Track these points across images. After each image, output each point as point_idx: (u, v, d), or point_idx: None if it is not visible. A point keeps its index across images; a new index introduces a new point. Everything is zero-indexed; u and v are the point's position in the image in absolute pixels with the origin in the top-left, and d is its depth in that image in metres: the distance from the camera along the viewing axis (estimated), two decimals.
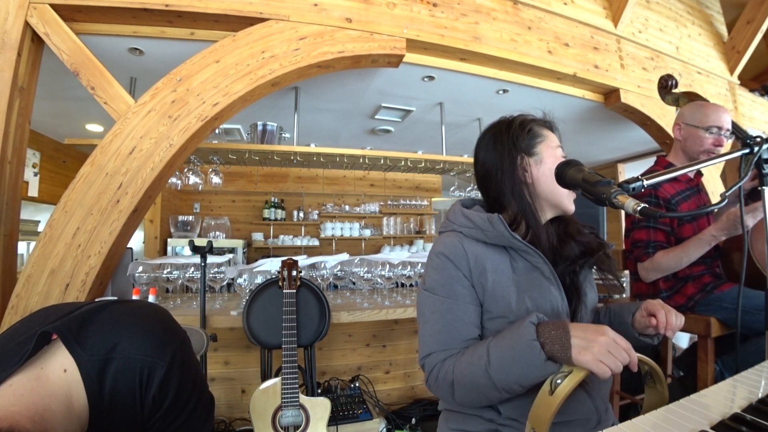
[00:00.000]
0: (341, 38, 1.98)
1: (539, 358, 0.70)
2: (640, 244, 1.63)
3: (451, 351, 0.82)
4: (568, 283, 0.91)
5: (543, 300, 0.85)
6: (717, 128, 1.60)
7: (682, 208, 1.59)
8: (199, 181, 2.99)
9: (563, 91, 2.74)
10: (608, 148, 4.30)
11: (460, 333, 0.83)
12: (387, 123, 3.60)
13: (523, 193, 0.89)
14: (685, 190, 1.65)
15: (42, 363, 0.50)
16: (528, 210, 0.88)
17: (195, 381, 0.58)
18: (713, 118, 1.62)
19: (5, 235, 1.60)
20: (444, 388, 0.80)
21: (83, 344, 0.51)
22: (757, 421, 0.54)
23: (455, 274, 0.86)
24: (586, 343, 0.68)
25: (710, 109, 1.65)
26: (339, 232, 5.16)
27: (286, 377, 1.49)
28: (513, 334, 0.75)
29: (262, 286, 1.72)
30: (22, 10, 1.65)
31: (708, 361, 1.51)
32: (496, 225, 0.85)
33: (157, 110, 1.71)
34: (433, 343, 0.84)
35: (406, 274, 2.10)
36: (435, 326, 0.84)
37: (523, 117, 0.94)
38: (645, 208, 0.65)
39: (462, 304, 0.84)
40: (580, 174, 0.76)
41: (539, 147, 0.91)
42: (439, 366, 0.82)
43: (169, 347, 0.55)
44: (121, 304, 0.57)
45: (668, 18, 3.18)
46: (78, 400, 0.50)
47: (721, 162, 1.22)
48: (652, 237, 1.60)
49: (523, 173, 0.89)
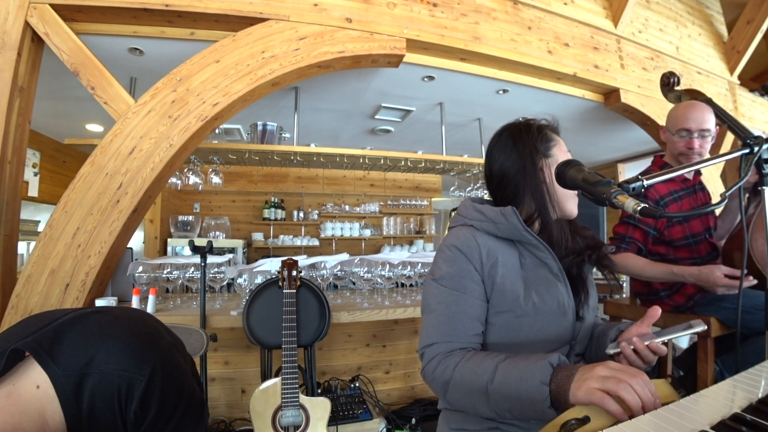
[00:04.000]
0: (341, 38, 1.98)
1: (544, 403, 0.67)
2: (616, 237, 1.65)
3: (452, 344, 0.82)
4: (575, 276, 0.92)
5: (549, 296, 0.85)
6: (686, 131, 1.59)
7: (671, 209, 1.59)
8: (199, 181, 2.99)
9: (563, 91, 2.74)
10: (608, 148, 4.30)
11: (464, 326, 0.83)
12: (387, 123, 3.60)
13: (543, 192, 0.90)
14: (679, 191, 1.65)
15: (14, 380, 0.48)
16: (545, 208, 0.90)
17: (180, 389, 0.56)
18: (681, 121, 1.61)
19: (5, 235, 1.60)
20: (438, 383, 0.80)
21: (57, 359, 0.49)
22: (758, 421, 0.54)
23: (466, 268, 0.85)
24: (582, 380, 0.64)
25: (680, 111, 1.64)
26: (339, 232, 5.16)
27: (286, 377, 1.49)
28: (528, 366, 0.71)
29: (262, 286, 1.72)
30: (22, 10, 1.65)
31: (708, 360, 1.51)
32: (509, 217, 0.85)
33: (157, 110, 1.71)
34: (436, 333, 0.83)
35: (406, 274, 2.10)
36: (440, 317, 0.84)
37: (537, 121, 0.97)
38: (645, 208, 0.65)
39: (469, 299, 0.84)
40: (580, 174, 0.76)
41: (554, 150, 0.93)
42: (439, 359, 0.81)
43: (150, 359, 0.53)
44: (99, 315, 0.55)
45: (668, 18, 3.18)
46: (53, 417, 0.48)
47: (721, 162, 1.22)
48: (629, 233, 1.62)
49: (542, 174, 0.91)
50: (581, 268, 0.93)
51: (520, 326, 0.84)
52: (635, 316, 1.80)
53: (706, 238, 1.64)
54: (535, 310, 0.83)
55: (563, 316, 0.85)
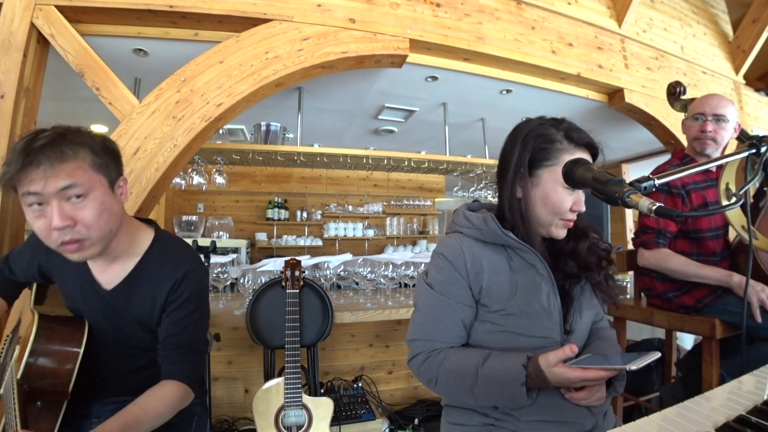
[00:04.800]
0: (345, 39, 1.99)
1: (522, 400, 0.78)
2: (650, 231, 1.61)
3: (434, 343, 0.89)
4: (566, 290, 0.91)
5: (534, 297, 0.86)
6: (701, 114, 1.62)
7: (693, 197, 1.57)
8: (203, 181, 3.00)
9: (567, 91, 2.72)
10: (612, 149, 4.24)
11: (446, 328, 0.89)
12: (390, 123, 3.60)
13: (516, 208, 0.89)
14: (701, 182, 1.61)
15: None
16: (519, 224, 0.89)
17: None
18: (697, 106, 1.65)
19: (11, 235, 1.61)
20: (424, 378, 0.89)
21: None
22: (762, 424, 0.54)
23: (452, 275, 0.89)
24: None
25: (699, 98, 1.68)
26: (342, 232, 5.17)
27: (289, 377, 1.49)
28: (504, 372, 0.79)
29: (266, 286, 1.72)
30: (27, 12, 1.66)
31: (713, 363, 1.50)
32: (489, 224, 0.88)
33: (161, 111, 1.72)
34: (420, 331, 0.90)
35: (409, 274, 2.10)
36: (425, 317, 0.91)
37: (544, 130, 0.88)
38: (660, 208, 0.62)
39: (453, 303, 0.89)
40: (589, 173, 0.74)
41: (543, 170, 0.87)
42: (423, 357, 0.88)
43: None
44: None
45: (673, 17, 3.16)
46: None
47: (727, 161, 1.20)
48: (662, 226, 1.58)
49: (518, 189, 0.89)
50: (572, 287, 0.91)
51: (508, 325, 0.87)
52: (639, 317, 1.79)
53: (724, 234, 1.63)
54: (520, 310, 0.86)
55: (548, 317, 0.86)
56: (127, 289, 0.99)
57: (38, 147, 0.80)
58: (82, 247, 0.86)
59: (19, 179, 0.79)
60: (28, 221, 0.86)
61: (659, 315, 1.70)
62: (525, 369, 0.78)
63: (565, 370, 0.74)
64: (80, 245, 0.86)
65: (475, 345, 0.91)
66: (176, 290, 0.98)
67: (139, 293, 0.99)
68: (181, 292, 0.99)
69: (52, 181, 0.80)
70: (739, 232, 1.25)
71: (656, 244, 1.58)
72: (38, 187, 0.79)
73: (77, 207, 0.84)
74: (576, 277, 0.92)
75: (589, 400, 0.81)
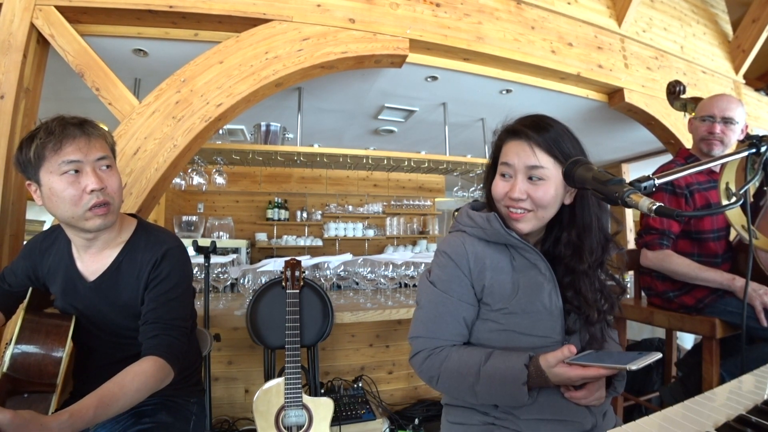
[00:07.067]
0: (344, 39, 1.99)
1: (524, 399, 0.78)
2: (653, 231, 1.60)
3: (436, 341, 0.89)
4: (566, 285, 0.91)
5: (537, 297, 0.87)
6: (709, 116, 1.62)
7: (697, 198, 1.57)
8: (203, 181, 3.00)
9: (567, 90, 2.72)
10: (612, 148, 4.28)
11: (447, 326, 0.89)
12: (390, 123, 3.60)
13: (490, 201, 0.95)
14: (704, 182, 1.61)
15: None
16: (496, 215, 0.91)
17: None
18: (706, 108, 1.64)
19: (11, 235, 1.61)
20: (426, 375, 0.89)
21: None
22: (762, 423, 0.54)
23: (455, 273, 0.90)
24: None
25: (708, 99, 1.68)
26: (342, 232, 5.17)
27: (290, 377, 1.49)
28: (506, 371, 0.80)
29: (266, 286, 1.72)
30: (27, 12, 1.66)
31: (713, 362, 1.50)
32: (492, 223, 0.88)
33: (161, 111, 1.72)
34: (422, 328, 0.91)
35: (409, 274, 2.10)
36: (427, 314, 0.91)
37: (504, 123, 0.93)
38: (660, 207, 0.62)
39: (456, 301, 0.89)
40: (589, 172, 0.73)
41: (499, 161, 0.92)
42: (425, 354, 0.88)
43: None
44: None
45: (672, 17, 3.16)
46: None
47: (728, 161, 1.20)
48: (665, 226, 1.57)
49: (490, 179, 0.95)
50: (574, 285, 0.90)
51: (510, 324, 0.87)
52: (639, 317, 1.79)
53: (726, 236, 1.62)
54: (522, 309, 0.86)
55: (550, 316, 0.87)
56: (113, 276, 1.05)
57: (74, 124, 0.96)
58: (108, 211, 0.99)
59: (61, 147, 0.93)
60: (57, 191, 0.95)
61: (659, 314, 1.70)
62: (527, 368, 0.78)
63: (566, 369, 0.75)
64: (108, 209, 0.99)
65: (476, 343, 0.91)
66: (157, 268, 1.05)
67: (124, 278, 1.05)
68: (161, 270, 1.05)
69: (92, 151, 0.96)
70: (739, 231, 1.26)
71: (660, 245, 1.58)
72: (80, 155, 0.95)
73: (108, 174, 1.00)
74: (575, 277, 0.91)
75: (589, 399, 0.81)
